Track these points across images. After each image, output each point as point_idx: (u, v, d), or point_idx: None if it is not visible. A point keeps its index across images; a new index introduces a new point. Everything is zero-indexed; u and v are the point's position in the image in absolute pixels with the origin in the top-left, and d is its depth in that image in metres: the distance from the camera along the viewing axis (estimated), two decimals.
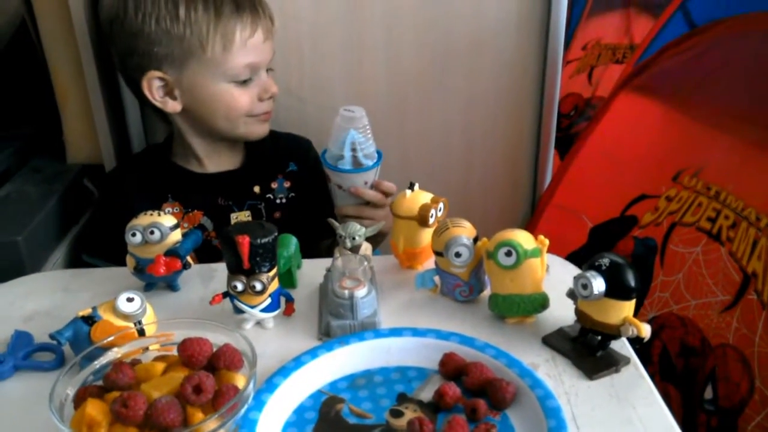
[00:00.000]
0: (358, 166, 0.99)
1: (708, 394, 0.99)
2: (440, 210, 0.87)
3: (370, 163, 1.00)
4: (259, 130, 1.09)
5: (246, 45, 1.00)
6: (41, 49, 1.17)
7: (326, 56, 1.23)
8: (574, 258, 0.92)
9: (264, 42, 1.03)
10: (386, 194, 1.03)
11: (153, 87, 1.01)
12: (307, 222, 1.09)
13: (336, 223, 0.87)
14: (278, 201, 1.12)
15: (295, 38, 1.20)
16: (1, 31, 1.22)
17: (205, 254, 0.99)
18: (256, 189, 1.12)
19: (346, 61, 1.23)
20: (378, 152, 1.02)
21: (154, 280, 0.85)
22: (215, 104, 1.03)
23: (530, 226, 1.34)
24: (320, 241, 1.13)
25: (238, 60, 1.00)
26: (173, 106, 1.03)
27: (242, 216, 1.10)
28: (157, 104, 1.03)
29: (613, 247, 1.20)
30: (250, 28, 1.00)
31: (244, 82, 1.03)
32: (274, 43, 1.06)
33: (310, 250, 0.96)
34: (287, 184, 1.13)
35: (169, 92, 1.03)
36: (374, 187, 1.03)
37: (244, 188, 1.11)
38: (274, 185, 1.13)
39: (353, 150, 0.98)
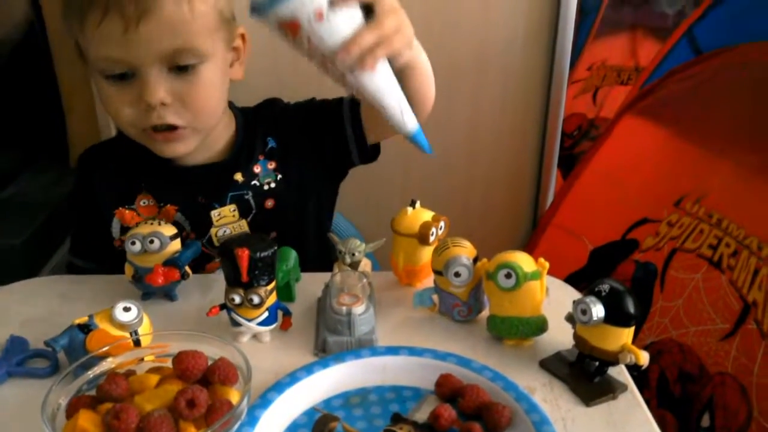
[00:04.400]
0: None
1: (705, 422, 0.98)
2: (441, 228, 0.86)
3: None
4: (162, 149, 0.89)
5: (100, 33, 0.79)
6: (49, 53, 1.17)
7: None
8: (573, 279, 0.92)
9: (125, 34, 0.78)
10: None
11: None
12: (304, 210, 0.98)
13: (335, 239, 0.87)
14: (266, 187, 0.96)
15: (293, 61, 1.19)
16: (10, 35, 1.22)
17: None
18: (238, 177, 0.95)
19: None
20: None
21: (152, 290, 0.85)
22: (103, 104, 0.87)
23: (531, 245, 1.33)
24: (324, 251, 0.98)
25: (94, 49, 0.81)
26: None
27: (225, 212, 0.95)
28: None
29: (613, 270, 1.20)
30: (100, 13, 0.78)
31: (121, 79, 0.83)
32: (184, 35, 0.81)
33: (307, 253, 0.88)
34: (271, 165, 0.97)
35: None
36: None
37: (222, 180, 0.95)
38: (257, 169, 0.96)
39: None
